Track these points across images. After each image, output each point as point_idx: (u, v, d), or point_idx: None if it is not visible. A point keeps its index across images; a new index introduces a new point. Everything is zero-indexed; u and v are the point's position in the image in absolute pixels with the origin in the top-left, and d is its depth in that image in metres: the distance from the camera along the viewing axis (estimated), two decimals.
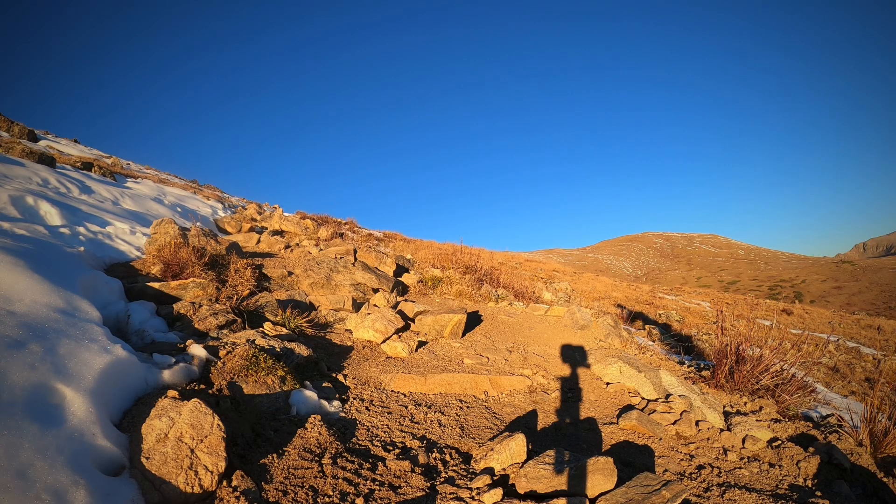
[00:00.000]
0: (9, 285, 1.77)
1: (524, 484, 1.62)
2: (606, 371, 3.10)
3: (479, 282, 6.12)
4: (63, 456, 1.20)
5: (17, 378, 1.34)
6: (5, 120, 8.09)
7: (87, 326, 1.79)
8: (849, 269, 70.82)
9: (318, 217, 11.66)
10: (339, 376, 2.57)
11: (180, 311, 2.63)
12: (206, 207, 8.00)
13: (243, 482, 1.42)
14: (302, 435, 1.77)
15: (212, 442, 1.45)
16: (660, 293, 20.01)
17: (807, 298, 58.79)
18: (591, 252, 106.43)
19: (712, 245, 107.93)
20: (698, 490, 1.97)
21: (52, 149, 8.38)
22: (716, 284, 70.73)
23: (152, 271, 3.18)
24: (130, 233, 3.83)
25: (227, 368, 1.99)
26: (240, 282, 3.47)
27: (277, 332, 2.77)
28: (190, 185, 10.97)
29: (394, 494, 1.55)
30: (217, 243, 4.14)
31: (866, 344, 13.36)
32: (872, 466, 2.38)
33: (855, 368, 9.57)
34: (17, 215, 3.13)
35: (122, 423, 1.54)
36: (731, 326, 3.53)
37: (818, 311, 21.86)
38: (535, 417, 2.51)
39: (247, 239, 5.53)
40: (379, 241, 10.47)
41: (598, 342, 3.90)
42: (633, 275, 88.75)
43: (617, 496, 1.54)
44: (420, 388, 2.60)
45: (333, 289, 4.12)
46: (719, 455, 2.33)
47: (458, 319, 3.62)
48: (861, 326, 17.49)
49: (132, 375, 1.72)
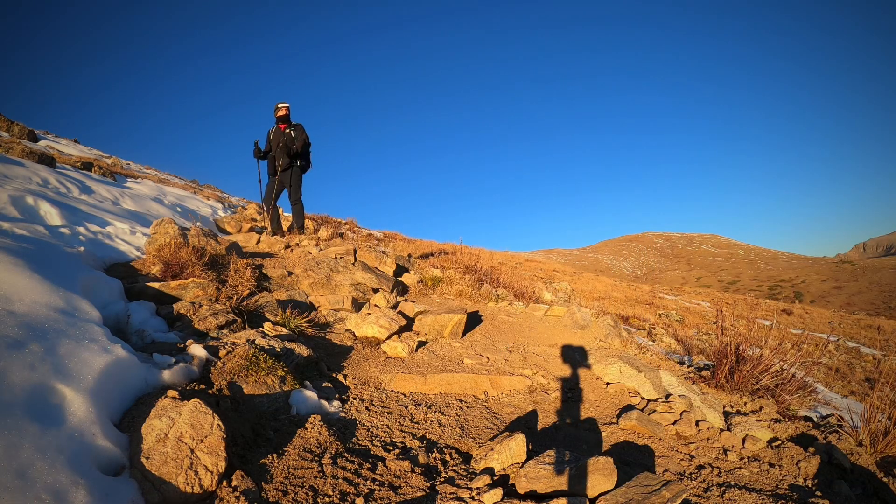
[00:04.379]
0: (9, 285, 1.77)
1: (524, 484, 1.62)
2: (606, 371, 3.10)
3: (479, 282, 6.12)
4: (63, 456, 1.20)
5: (17, 378, 1.34)
6: (5, 120, 8.09)
7: (87, 326, 1.79)
8: (849, 269, 70.84)
9: (317, 217, 11.67)
10: (339, 376, 2.57)
11: (180, 311, 2.63)
12: (206, 207, 8.00)
13: (243, 482, 1.42)
14: (302, 435, 1.77)
15: (212, 442, 1.45)
16: (660, 293, 20.02)
17: (807, 298, 58.81)
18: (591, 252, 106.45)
19: (712, 245, 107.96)
20: (698, 490, 1.97)
21: (52, 149, 8.38)
22: (716, 284, 70.76)
23: (152, 271, 3.18)
24: (130, 233, 3.83)
25: (227, 368, 1.99)
26: (240, 282, 3.47)
27: (277, 332, 2.77)
28: (190, 185, 10.98)
29: (394, 494, 1.55)
30: (217, 243, 4.14)
31: (866, 344, 13.36)
32: (872, 466, 2.38)
33: (855, 368, 9.57)
34: (17, 215, 3.12)
35: (122, 423, 1.54)
36: (731, 326, 3.53)
37: (818, 311, 21.87)
38: (535, 417, 2.51)
39: (247, 239, 5.53)
40: (379, 241, 10.47)
41: (598, 342, 3.90)
42: (633, 275, 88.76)
43: (617, 496, 1.54)
44: (420, 388, 2.60)
45: (333, 289, 4.12)
46: (719, 455, 2.33)
47: (458, 319, 3.62)
48: (861, 326, 17.50)
49: (132, 375, 1.72)
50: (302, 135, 6.13)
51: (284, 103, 6.13)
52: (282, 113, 6.15)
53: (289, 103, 6.20)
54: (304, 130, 6.20)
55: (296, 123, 6.23)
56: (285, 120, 6.21)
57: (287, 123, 6.23)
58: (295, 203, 6.48)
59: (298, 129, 6.17)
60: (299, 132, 6.15)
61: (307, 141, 6.21)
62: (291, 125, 6.22)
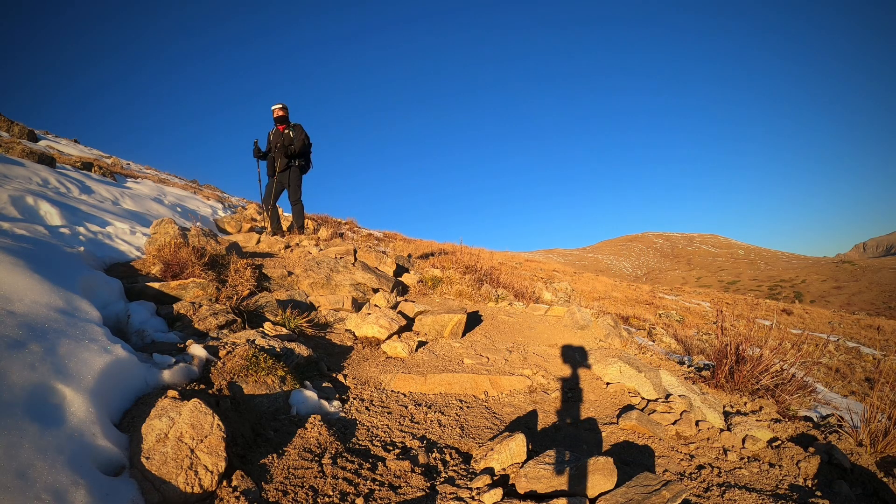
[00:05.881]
0: (9, 285, 1.77)
1: (524, 484, 1.62)
2: (606, 371, 3.10)
3: (479, 282, 6.12)
4: (63, 456, 1.20)
5: (17, 378, 1.34)
6: (5, 120, 8.09)
7: (87, 326, 1.79)
8: (849, 269, 70.86)
9: (317, 217, 11.67)
10: (339, 376, 2.57)
11: (180, 311, 2.63)
12: (206, 207, 8.00)
13: (243, 482, 1.42)
14: (302, 435, 1.77)
15: (212, 442, 1.45)
16: (660, 293, 20.03)
17: (807, 298, 58.83)
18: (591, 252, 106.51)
19: (712, 245, 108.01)
20: (698, 490, 1.97)
21: (52, 149, 8.38)
22: (716, 284, 70.78)
23: (152, 271, 3.18)
24: (130, 233, 3.83)
25: (227, 368, 1.99)
26: (240, 282, 3.47)
27: (277, 332, 2.77)
28: (190, 185, 10.97)
29: (394, 494, 1.55)
30: (217, 243, 4.14)
31: (866, 344, 13.37)
32: (872, 466, 2.38)
33: (855, 368, 9.58)
34: (17, 215, 3.13)
35: (122, 423, 1.54)
36: (731, 326, 3.53)
37: (818, 311, 21.87)
38: (535, 417, 2.50)
39: (247, 239, 5.53)
40: (379, 241, 10.47)
41: (598, 342, 3.90)
42: (633, 275, 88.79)
43: (617, 496, 1.54)
44: (420, 388, 2.60)
45: (333, 289, 4.12)
46: (719, 455, 2.33)
47: (458, 319, 3.62)
48: (861, 326, 17.50)
49: (132, 375, 1.72)
50: (300, 135, 6.14)
51: (279, 104, 6.15)
52: (277, 114, 6.17)
53: (284, 104, 6.22)
54: (303, 130, 6.21)
55: (294, 124, 6.24)
56: (282, 121, 6.22)
57: (285, 124, 6.23)
58: (294, 203, 6.49)
59: (297, 130, 6.17)
60: (297, 132, 6.15)
61: (306, 141, 6.22)
62: (290, 126, 6.23)
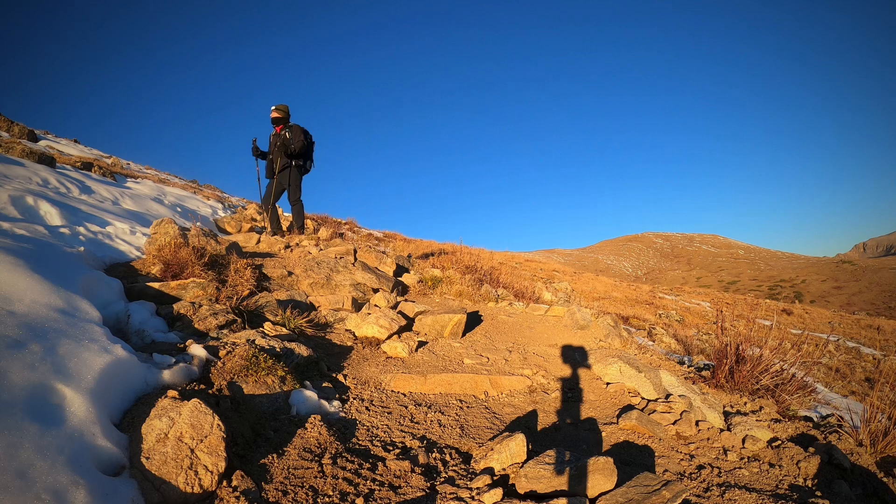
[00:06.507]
0: (9, 285, 1.77)
1: (524, 484, 1.62)
2: (606, 371, 3.10)
3: (479, 282, 6.12)
4: (63, 456, 1.20)
5: (17, 378, 1.34)
6: (5, 120, 8.09)
7: (87, 326, 1.79)
8: (849, 269, 70.84)
9: (317, 217, 11.67)
10: (339, 376, 2.57)
11: (180, 311, 2.63)
12: (206, 207, 8.00)
13: (243, 482, 1.42)
14: (302, 435, 1.77)
15: (212, 442, 1.45)
16: (660, 293, 20.02)
17: (807, 298, 58.82)
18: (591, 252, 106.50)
19: (712, 245, 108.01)
20: (698, 490, 1.97)
21: (52, 149, 8.38)
22: (716, 284, 70.78)
23: (152, 271, 3.18)
24: (130, 233, 3.83)
25: (227, 368, 1.99)
26: (240, 282, 3.47)
27: (277, 332, 2.77)
28: (190, 185, 10.97)
29: (394, 494, 1.55)
30: (217, 243, 4.14)
31: (866, 344, 13.36)
32: (872, 466, 2.38)
33: (855, 368, 9.57)
34: (17, 215, 3.12)
35: (122, 423, 1.54)
36: (731, 326, 3.53)
37: (818, 311, 21.87)
38: (535, 417, 2.51)
39: (247, 239, 5.53)
40: (379, 241, 10.48)
41: (598, 342, 3.90)
42: (633, 275, 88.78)
43: (617, 496, 1.54)
44: (420, 388, 2.60)
45: (333, 289, 4.12)
46: (719, 455, 2.33)
47: (458, 319, 3.62)
48: (861, 326, 17.50)
49: (132, 375, 1.72)
50: (299, 135, 6.14)
51: (275, 106, 6.17)
52: (274, 115, 6.20)
53: (284, 105, 6.24)
54: (302, 130, 6.21)
55: (292, 124, 6.25)
56: (279, 122, 6.24)
57: (283, 125, 6.24)
58: (294, 203, 6.49)
59: (295, 130, 6.18)
60: (295, 133, 6.16)
61: (305, 140, 6.22)
62: (287, 126, 6.23)
